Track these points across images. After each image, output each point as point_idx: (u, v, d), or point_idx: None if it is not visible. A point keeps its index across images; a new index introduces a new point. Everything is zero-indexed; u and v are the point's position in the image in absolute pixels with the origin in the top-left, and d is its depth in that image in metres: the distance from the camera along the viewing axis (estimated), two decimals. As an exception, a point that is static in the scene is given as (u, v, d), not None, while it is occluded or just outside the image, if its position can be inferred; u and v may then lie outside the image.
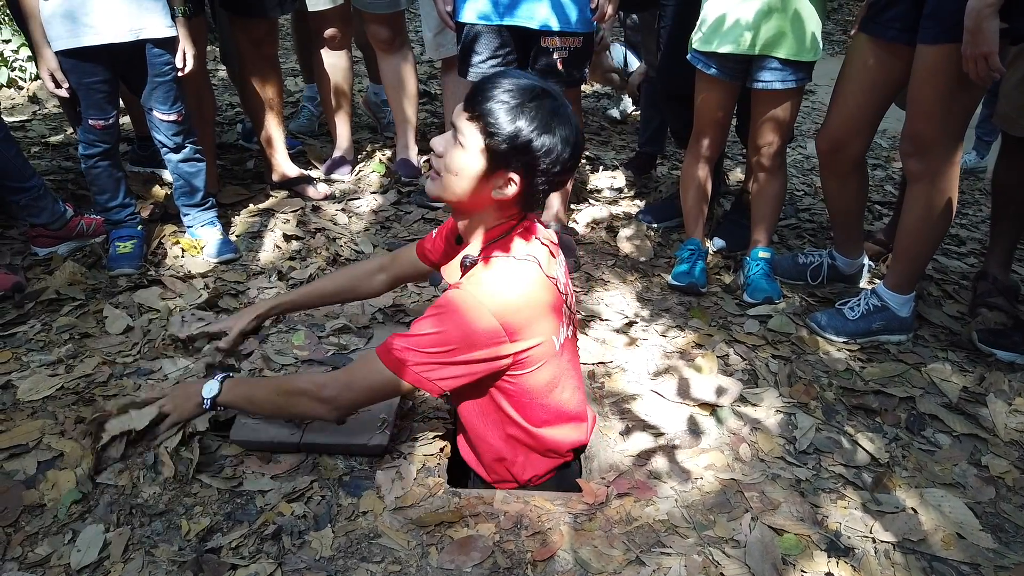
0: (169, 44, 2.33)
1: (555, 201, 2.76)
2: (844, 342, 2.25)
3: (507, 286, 1.41)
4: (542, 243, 1.51)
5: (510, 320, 1.40)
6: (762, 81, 2.35)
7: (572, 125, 1.36)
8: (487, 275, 1.43)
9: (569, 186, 2.78)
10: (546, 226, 1.59)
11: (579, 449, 1.72)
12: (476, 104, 1.34)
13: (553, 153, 1.34)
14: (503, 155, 1.34)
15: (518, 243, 1.46)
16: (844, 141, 2.33)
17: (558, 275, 1.53)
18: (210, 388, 1.60)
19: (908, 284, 2.25)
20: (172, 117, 2.41)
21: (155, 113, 2.40)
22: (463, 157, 1.37)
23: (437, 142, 1.43)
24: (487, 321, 1.38)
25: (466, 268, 1.50)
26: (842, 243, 2.59)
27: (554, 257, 1.54)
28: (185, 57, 2.38)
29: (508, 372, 1.47)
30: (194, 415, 1.64)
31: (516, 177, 1.37)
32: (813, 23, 2.28)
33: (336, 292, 1.96)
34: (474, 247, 1.50)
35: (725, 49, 2.32)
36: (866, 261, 2.66)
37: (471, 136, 1.35)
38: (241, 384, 1.64)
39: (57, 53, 2.18)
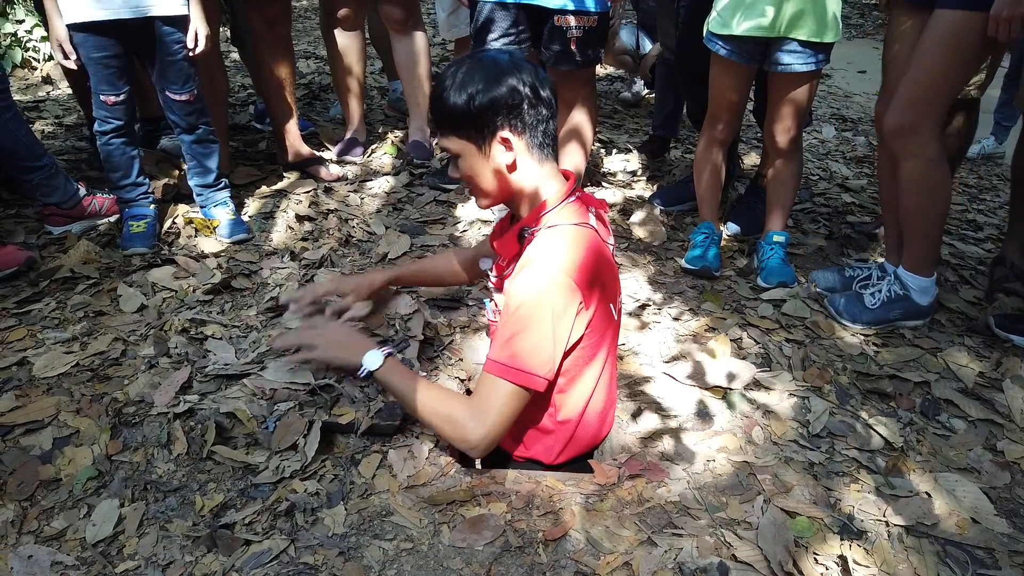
0: (180, 23, 2.31)
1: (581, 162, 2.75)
2: (860, 329, 2.23)
3: (571, 248, 1.42)
4: (595, 215, 1.53)
5: (580, 280, 1.40)
6: (781, 64, 2.31)
7: (516, 69, 1.37)
8: (549, 241, 1.43)
9: (583, 163, 2.76)
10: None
11: None
12: (435, 121, 1.45)
13: (513, 95, 1.36)
14: (477, 128, 1.38)
15: (573, 212, 1.47)
16: None
17: (611, 244, 1.57)
18: (373, 359, 1.49)
19: (927, 265, 2.21)
20: (184, 97, 2.41)
21: (168, 93, 2.39)
22: (464, 162, 1.44)
23: (451, 173, 1.51)
24: (564, 283, 1.38)
25: (525, 240, 1.49)
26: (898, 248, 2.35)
27: (607, 229, 1.57)
28: (197, 37, 2.36)
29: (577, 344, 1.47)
30: (340, 367, 1.58)
31: (503, 135, 1.38)
32: (834, 2, 2.24)
33: (444, 275, 1.99)
34: (530, 220, 1.49)
35: (744, 31, 2.29)
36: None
37: (454, 144, 1.43)
38: (402, 375, 1.51)
39: (69, 26, 2.18)
